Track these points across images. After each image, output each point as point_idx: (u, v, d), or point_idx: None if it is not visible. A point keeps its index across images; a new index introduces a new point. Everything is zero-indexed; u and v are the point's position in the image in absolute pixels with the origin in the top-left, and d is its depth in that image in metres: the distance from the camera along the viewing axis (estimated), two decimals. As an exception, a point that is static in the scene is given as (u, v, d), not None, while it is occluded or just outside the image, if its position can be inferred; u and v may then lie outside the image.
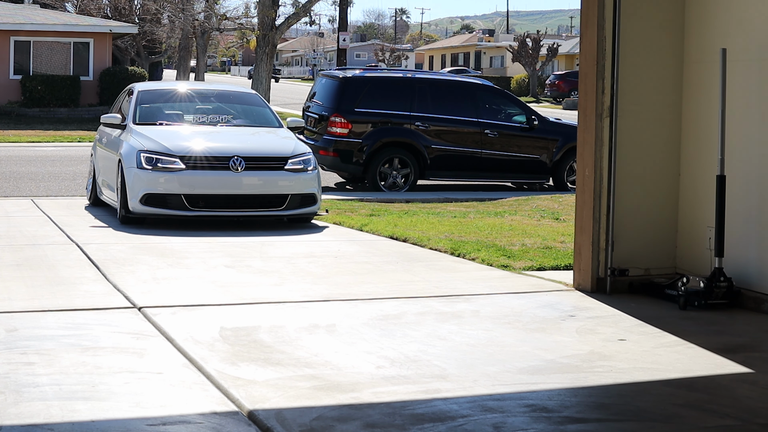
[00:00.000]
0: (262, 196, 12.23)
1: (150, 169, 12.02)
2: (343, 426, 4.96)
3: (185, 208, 11.96)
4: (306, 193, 12.36)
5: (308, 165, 12.50)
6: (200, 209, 11.99)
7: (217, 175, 12.07)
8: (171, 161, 12.06)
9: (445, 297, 8.15)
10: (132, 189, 12.02)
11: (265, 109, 14.16)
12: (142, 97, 13.75)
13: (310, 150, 12.80)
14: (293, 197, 12.25)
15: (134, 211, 12.02)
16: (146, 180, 11.99)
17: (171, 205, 11.97)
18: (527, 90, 67.77)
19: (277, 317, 7.32)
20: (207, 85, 15.75)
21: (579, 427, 5.08)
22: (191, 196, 11.98)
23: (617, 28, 8.40)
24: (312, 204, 12.45)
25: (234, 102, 14.29)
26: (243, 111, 14.06)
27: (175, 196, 11.97)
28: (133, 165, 12.12)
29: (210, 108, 13.89)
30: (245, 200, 12.18)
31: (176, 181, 11.97)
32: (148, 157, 12.09)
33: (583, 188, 8.64)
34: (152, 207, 11.96)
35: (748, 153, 8.07)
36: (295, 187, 12.29)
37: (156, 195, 11.98)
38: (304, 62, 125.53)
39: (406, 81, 17.88)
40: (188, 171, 12.03)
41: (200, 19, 51.10)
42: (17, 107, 35.42)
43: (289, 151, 12.52)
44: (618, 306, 7.96)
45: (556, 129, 17.93)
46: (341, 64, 51.38)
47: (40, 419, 4.93)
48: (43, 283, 8.36)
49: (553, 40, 75.96)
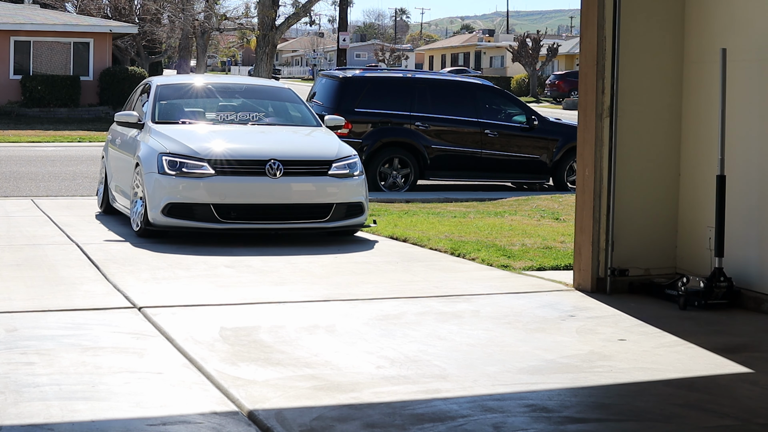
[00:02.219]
0: (303, 206, 10.78)
1: (173, 175, 10.59)
2: (343, 426, 4.96)
3: (215, 219, 10.50)
4: (353, 202, 10.93)
5: (354, 169, 11.07)
6: (232, 221, 10.55)
7: (252, 181, 10.61)
8: (198, 165, 10.58)
9: (445, 297, 8.15)
10: (153, 197, 10.58)
11: (300, 105, 12.66)
12: (161, 93, 12.25)
13: (355, 152, 11.37)
14: (338, 207, 10.81)
15: (155, 222, 10.58)
16: (169, 187, 10.55)
17: (198, 216, 10.51)
18: (527, 90, 67.78)
19: (277, 317, 7.32)
20: (233, 78, 14.25)
21: (579, 427, 5.08)
22: (222, 206, 10.51)
23: (617, 28, 8.40)
24: (358, 214, 11.02)
25: (264, 98, 12.81)
26: (275, 108, 12.59)
27: (203, 205, 10.50)
28: (153, 170, 10.71)
29: (238, 105, 12.48)
30: (283, 211, 10.71)
31: (204, 189, 10.50)
32: (171, 161, 10.66)
33: (583, 188, 8.64)
34: (176, 218, 10.53)
35: (748, 153, 8.07)
36: (340, 195, 10.83)
37: (181, 205, 10.52)
38: (304, 62, 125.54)
39: (406, 81, 17.88)
40: (218, 177, 10.55)
41: (200, 19, 51.12)
42: (17, 107, 35.44)
43: (333, 154, 11.06)
44: (618, 306, 7.96)
45: (556, 129, 17.94)
46: (341, 64, 51.40)
47: (40, 419, 4.93)
48: (43, 283, 8.36)
49: (553, 40, 75.99)
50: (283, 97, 12.79)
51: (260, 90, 13.08)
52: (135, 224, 11.01)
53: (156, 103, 12.03)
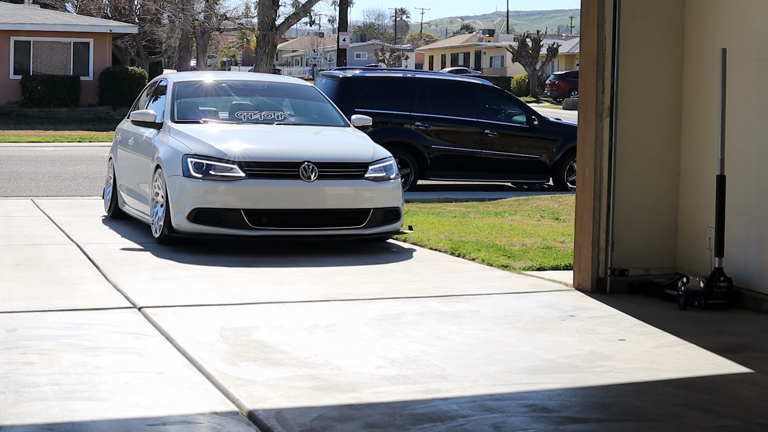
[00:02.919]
0: (339, 212, 10.19)
1: (200, 178, 9.97)
2: (343, 426, 4.96)
3: (246, 226, 9.89)
4: (389, 207, 10.37)
5: (390, 172, 10.50)
6: (264, 228, 9.96)
7: (286, 185, 9.99)
8: (227, 168, 9.97)
9: (445, 297, 8.15)
10: (177, 202, 9.97)
11: (325, 104, 12.01)
12: (179, 90, 11.58)
13: (390, 154, 10.78)
14: (375, 212, 10.25)
15: (179, 229, 9.98)
16: (196, 191, 9.94)
17: (228, 222, 9.91)
18: (527, 90, 67.80)
19: (277, 317, 7.32)
20: (254, 76, 13.79)
21: (579, 427, 5.08)
22: (253, 212, 9.91)
23: (617, 28, 8.40)
24: (395, 220, 10.47)
25: (288, 96, 12.23)
26: (300, 106, 12.01)
27: (233, 211, 9.88)
28: (177, 172, 10.09)
29: (260, 103, 11.81)
30: (318, 216, 10.13)
31: (235, 193, 9.90)
32: (198, 163, 10.04)
33: (583, 188, 8.64)
34: (203, 225, 9.93)
35: (748, 153, 8.07)
36: (377, 199, 10.27)
37: (209, 210, 9.91)
38: (304, 62, 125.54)
39: (406, 81, 17.89)
40: (249, 180, 9.94)
41: (200, 19, 51.14)
42: (17, 107, 35.46)
43: (369, 156, 10.48)
44: (618, 306, 7.96)
45: (556, 129, 17.94)
46: (341, 64, 51.39)
47: (40, 419, 4.93)
48: (43, 283, 8.36)
49: (553, 40, 76.02)
50: (307, 95, 12.22)
51: (283, 87, 12.48)
52: (155, 231, 10.46)
53: (174, 101, 11.38)
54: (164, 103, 11.47)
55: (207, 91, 11.91)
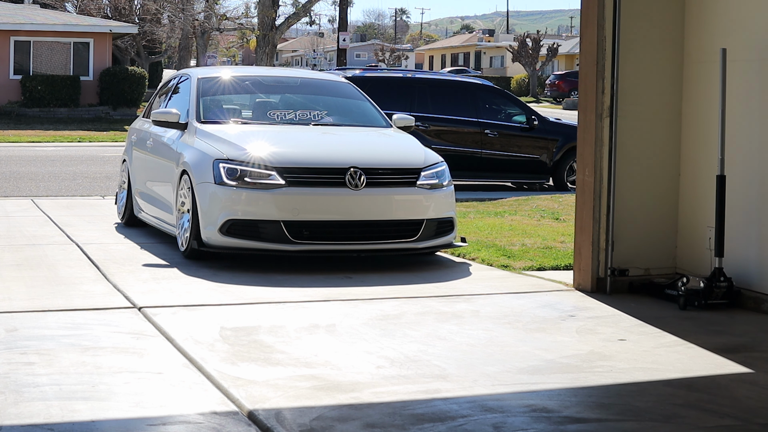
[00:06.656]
0: (390, 223, 9.19)
1: (234, 186, 8.98)
2: (343, 426, 4.96)
3: (286, 240, 8.89)
4: (443, 218, 9.47)
5: (443, 179, 9.58)
6: (306, 242, 8.96)
7: (331, 193, 9.01)
8: (264, 174, 8.97)
9: (445, 297, 8.15)
10: (208, 213, 9.00)
11: (364, 102, 10.92)
12: (203, 88, 10.50)
13: (442, 159, 9.85)
14: (428, 223, 9.31)
15: (210, 242, 9.04)
16: (229, 200, 8.97)
17: (265, 236, 8.93)
18: (527, 90, 67.81)
19: (277, 317, 7.32)
20: (285, 71, 12.54)
21: (579, 427, 5.08)
22: (294, 224, 8.90)
23: (617, 28, 8.40)
24: (448, 232, 9.56)
25: (323, 93, 11.05)
26: (336, 105, 10.89)
27: (271, 223, 8.89)
28: (208, 179, 9.09)
29: (294, 102, 10.74)
30: (365, 229, 9.12)
31: (273, 203, 8.89)
32: (231, 169, 9.03)
33: (583, 188, 8.64)
34: (237, 238, 8.96)
35: (748, 153, 8.07)
36: (431, 209, 9.33)
37: (244, 222, 8.94)
38: (304, 62, 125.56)
39: (406, 81, 17.88)
40: (290, 188, 8.92)
41: (200, 19, 51.17)
42: (17, 107, 35.45)
43: (420, 161, 9.51)
44: (618, 306, 7.96)
45: (556, 129, 17.94)
46: (341, 64, 51.39)
47: (40, 419, 4.93)
48: (43, 283, 8.36)
49: (553, 40, 76.02)
50: (344, 92, 11.10)
51: (317, 84, 11.31)
52: (181, 244, 9.51)
53: (199, 99, 10.33)
54: (187, 101, 10.47)
55: (234, 88, 10.93)
